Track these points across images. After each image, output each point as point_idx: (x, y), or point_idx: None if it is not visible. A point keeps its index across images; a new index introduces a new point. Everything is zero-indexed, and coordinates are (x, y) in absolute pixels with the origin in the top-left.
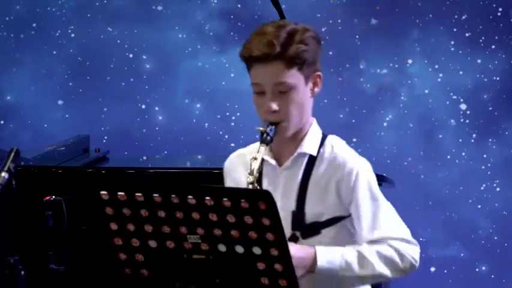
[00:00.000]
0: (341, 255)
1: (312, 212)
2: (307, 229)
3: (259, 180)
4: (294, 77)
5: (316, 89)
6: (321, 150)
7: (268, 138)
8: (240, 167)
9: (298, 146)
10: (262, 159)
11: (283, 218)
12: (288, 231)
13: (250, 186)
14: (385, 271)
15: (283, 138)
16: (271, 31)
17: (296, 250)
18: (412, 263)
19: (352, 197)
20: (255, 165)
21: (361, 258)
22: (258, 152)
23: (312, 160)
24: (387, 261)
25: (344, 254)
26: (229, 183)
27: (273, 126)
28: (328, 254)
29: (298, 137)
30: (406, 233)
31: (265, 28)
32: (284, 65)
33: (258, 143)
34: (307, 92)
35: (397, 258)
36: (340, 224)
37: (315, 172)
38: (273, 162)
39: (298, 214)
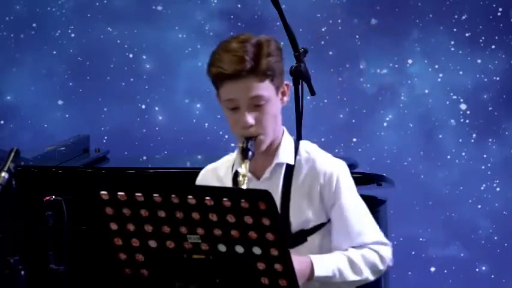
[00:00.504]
0: (334, 263)
1: (298, 220)
2: (293, 238)
3: None
4: (268, 89)
5: (285, 98)
6: (297, 157)
7: (250, 153)
8: (213, 182)
9: (274, 156)
10: (237, 174)
11: None
12: None
13: None
14: (369, 275)
15: (260, 151)
16: (237, 47)
17: (295, 264)
18: (389, 264)
19: (334, 201)
20: (243, 183)
21: (352, 264)
22: (243, 169)
23: (289, 169)
24: (371, 265)
25: (336, 261)
26: None
27: (252, 141)
28: (323, 262)
29: (272, 148)
30: (381, 234)
31: (230, 45)
32: (257, 79)
33: (228, 157)
34: (278, 102)
35: (378, 262)
36: (324, 229)
37: (295, 181)
38: (249, 175)
39: (284, 224)
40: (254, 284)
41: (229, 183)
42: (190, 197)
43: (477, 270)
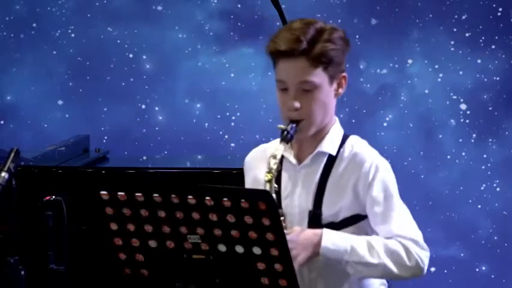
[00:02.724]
0: (348, 240)
1: (329, 212)
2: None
3: (278, 177)
4: (319, 76)
5: (340, 90)
6: (341, 150)
7: (289, 136)
8: (261, 163)
9: (318, 144)
10: (283, 157)
11: (300, 216)
12: None
13: (267, 185)
14: (390, 264)
15: (304, 137)
16: (299, 27)
17: (301, 230)
18: (419, 264)
19: (368, 194)
20: (273, 164)
21: (369, 246)
22: (277, 150)
23: (331, 159)
24: (393, 255)
25: (351, 239)
26: (248, 179)
27: (294, 125)
28: (334, 236)
29: (319, 136)
30: (418, 235)
31: (294, 24)
32: (309, 63)
33: (278, 139)
34: (331, 92)
35: (403, 255)
36: (358, 225)
37: (334, 171)
38: (293, 160)
39: (315, 214)
40: (254, 284)
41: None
42: (190, 197)
43: (477, 270)
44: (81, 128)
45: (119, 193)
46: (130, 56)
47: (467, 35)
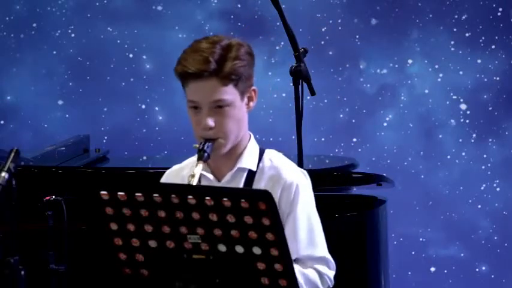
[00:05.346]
0: None
1: None
2: None
3: None
4: (230, 93)
5: (251, 104)
6: (260, 164)
7: (206, 155)
8: (175, 182)
9: (237, 161)
10: (200, 175)
11: None
12: None
13: None
14: None
15: (219, 154)
16: (206, 47)
17: None
18: (328, 284)
19: (290, 210)
20: (193, 183)
21: None
22: (195, 169)
23: (251, 175)
24: (311, 284)
25: None
26: None
27: (210, 143)
28: None
29: (236, 152)
30: (327, 252)
31: (200, 44)
32: (220, 82)
33: (194, 158)
34: (243, 107)
35: (319, 282)
36: None
37: (255, 186)
38: (211, 177)
39: None
40: (254, 284)
41: None
42: (190, 197)
43: (477, 270)
44: (81, 128)
45: (119, 193)
46: (131, 56)
47: (467, 35)
